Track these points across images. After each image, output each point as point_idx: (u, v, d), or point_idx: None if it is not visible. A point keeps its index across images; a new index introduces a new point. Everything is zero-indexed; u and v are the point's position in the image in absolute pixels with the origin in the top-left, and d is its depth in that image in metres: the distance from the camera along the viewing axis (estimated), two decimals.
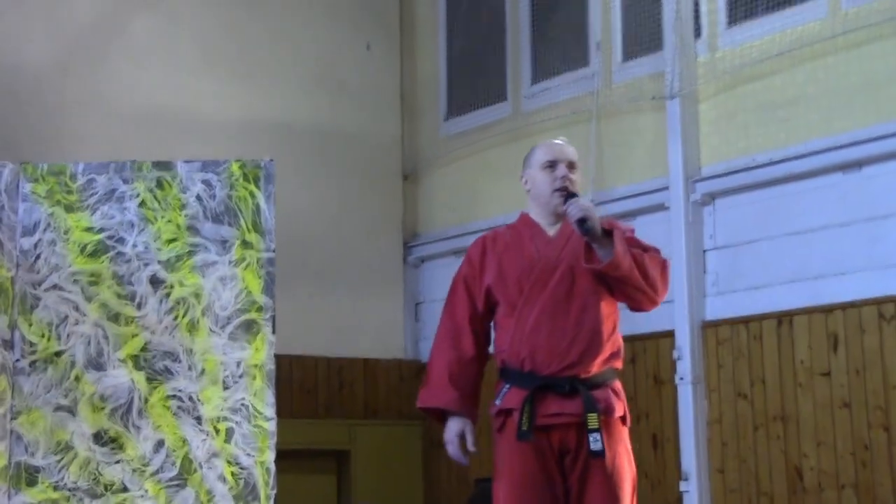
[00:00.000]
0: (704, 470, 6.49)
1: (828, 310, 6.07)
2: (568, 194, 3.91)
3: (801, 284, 6.23)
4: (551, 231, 3.99)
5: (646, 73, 7.08)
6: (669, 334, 6.68)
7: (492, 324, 4.05)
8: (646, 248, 3.93)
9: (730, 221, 6.62)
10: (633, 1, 7.22)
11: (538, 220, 4.03)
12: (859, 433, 5.88)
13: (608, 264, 3.77)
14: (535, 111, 7.71)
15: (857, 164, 6.06)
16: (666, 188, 6.81)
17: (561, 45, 7.63)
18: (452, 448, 3.95)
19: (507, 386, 3.90)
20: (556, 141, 4.13)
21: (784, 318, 6.27)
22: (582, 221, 3.77)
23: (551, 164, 3.99)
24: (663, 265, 3.94)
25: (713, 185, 6.66)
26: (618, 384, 3.95)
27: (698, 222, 6.71)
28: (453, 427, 3.95)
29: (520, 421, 3.80)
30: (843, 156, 6.08)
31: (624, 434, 3.91)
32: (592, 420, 3.77)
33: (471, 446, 3.94)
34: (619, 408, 3.90)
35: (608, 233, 3.81)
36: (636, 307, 3.99)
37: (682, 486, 6.51)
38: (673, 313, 6.63)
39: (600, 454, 3.76)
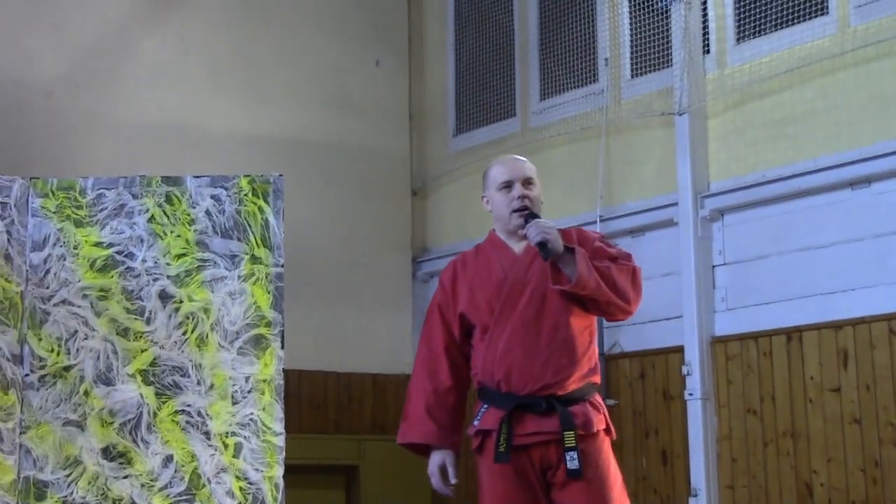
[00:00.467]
0: (714, 486, 6.47)
1: (838, 326, 6.06)
2: (528, 214, 3.86)
3: (810, 300, 6.22)
4: (517, 248, 3.95)
5: (655, 90, 7.09)
6: (679, 350, 6.67)
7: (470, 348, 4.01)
8: (614, 258, 3.88)
9: (739, 237, 6.61)
10: (641, 17, 7.23)
11: (504, 239, 4.00)
12: (870, 449, 5.86)
13: (573, 284, 3.74)
14: (543, 127, 7.72)
15: (867, 180, 6.06)
16: (675, 204, 6.81)
17: (569, 61, 7.64)
18: (435, 481, 3.92)
19: (485, 406, 3.87)
20: (511, 157, 4.08)
21: (794, 334, 6.25)
22: (542, 245, 3.74)
23: (507, 185, 3.95)
24: (633, 273, 3.88)
25: (722, 201, 6.66)
26: (597, 398, 3.91)
27: (707, 238, 6.70)
28: (434, 461, 3.93)
29: (497, 442, 3.78)
30: (852, 172, 6.08)
31: (606, 445, 3.87)
32: (569, 438, 3.74)
33: (452, 478, 3.92)
34: (599, 421, 3.86)
35: (571, 250, 3.78)
36: (610, 318, 3.97)
37: (692, 503, 6.49)
38: (682, 329, 6.63)
39: (577, 474, 3.73)
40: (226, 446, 5.21)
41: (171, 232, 5.31)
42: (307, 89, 8.25)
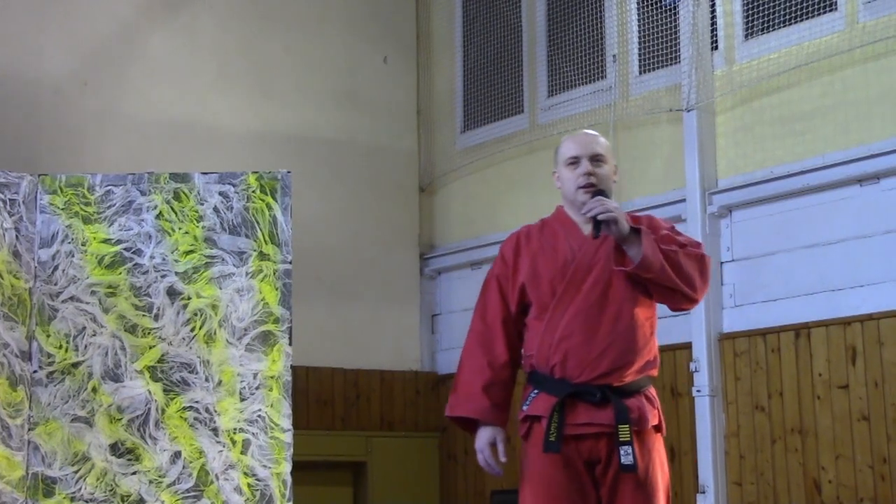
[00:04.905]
0: (722, 483, 6.46)
1: (846, 322, 6.05)
2: (595, 192, 3.71)
3: (818, 297, 6.21)
4: (586, 229, 3.74)
5: (662, 86, 7.08)
6: (687, 346, 6.66)
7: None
8: (682, 244, 3.72)
9: (747, 234, 6.60)
10: (649, 13, 7.23)
11: (573, 217, 3.81)
12: (878, 446, 5.86)
13: (638, 265, 3.60)
14: (551, 123, 7.72)
15: (875, 177, 6.05)
16: (683, 200, 6.80)
17: (577, 57, 7.63)
18: (484, 457, 3.73)
19: (536, 391, 3.71)
20: (584, 132, 3.92)
21: (802, 331, 6.25)
22: (598, 221, 3.60)
23: (575, 160, 3.78)
24: (701, 260, 3.74)
25: (730, 198, 6.65)
26: (652, 391, 3.78)
27: (715, 234, 6.69)
28: (484, 436, 3.73)
29: (547, 431, 3.61)
30: (860, 168, 6.07)
31: (658, 443, 3.75)
32: (624, 432, 3.59)
33: (502, 456, 3.74)
34: (653, 416, 3.73)
35: (637, 231, 3.65)
36: (675, 307, 3.80)
37: (700, 500, 6.48)
38: (690, 325, 6.62)
39: (632, 469, 3.58)
40: (234, 443, 5.21)
41: (179, 228, 5.32)
42: (315, 86, 8.25)
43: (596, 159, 3.79)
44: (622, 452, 3.59)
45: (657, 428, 3.77)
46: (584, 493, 3.64)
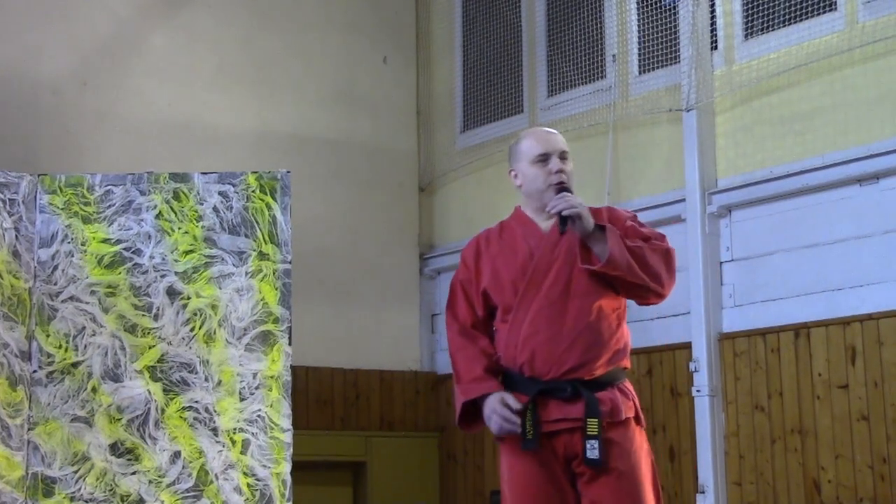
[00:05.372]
0: (721, 483, 6.46)
1: (845, 322, 6.05)
2: (558, 189, 3.65)
3: (818, 297, 6.22)
4: (544, 226, 3.73)
5: (662, 86, 7.08)
6: (686, 346, 6.67)
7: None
8: (647, 237, 3.69)
9: (747, 233, 6.61)
10: (649, 13, 7.23)
11: (531, 216, 3.77)
12: (878, 446, 5.86)
13: (604, 265, 3.56)
14: (551, 123, 7.70)
15: (875, 177, 6.05)
16: (682, 200, 6.81)
17: (577, 57, 7.63)
18: (500, 415, 3.58)
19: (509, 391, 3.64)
20: (543, 129, 3.85)
21: (801, 331, 6.25)
22: (564, 218, 3.56)
23: (544, 158, 3.71)
24: (667, 254, 3.69)
25: (730, 198, 6.65)
26: (626, 384, 3.71)
27: (715, 234, 6.70)
28: (493, 399, 3.62)
29: (523, 429, 3.57)
30: (860, 168, 6.07)
31: (638, 434, 3.68)
32: (592, 426, 3.53)
33: (515, 405, 3.59)
34: (629, 408, 3.66)
35: (602, 228, 3.60)
36: (643, 302, 3.76)
37: (699, 500, 6.48)
38: (690, 325, 6.62)
39: (596, 464, 3.53)
40: (233, 443, 5.21)
41: (179, 228, 5.32)
42: (315, 86, 8.25)
43: (563, 157, 3.74)
44: (588, 446, 3.54)
45: (637, 420, 3.70)
46: (562, 490, 3.61)
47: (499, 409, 3.59)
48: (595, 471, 3.56)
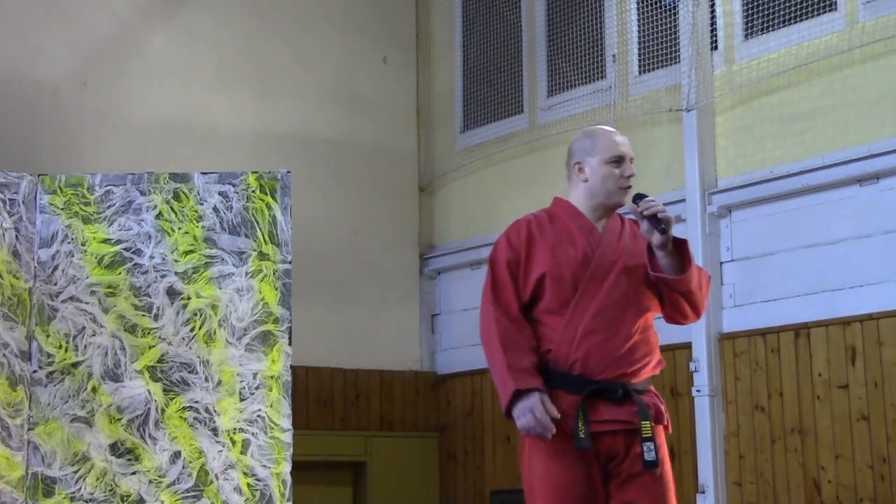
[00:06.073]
0: (721, 483, 6.46)
1: (846, 322, 6.05)
2: (637, 195, 3.70)
3: (818, 297, 6.21)
4: (598, 226, 3.73)
5: (662, 86, 7.08)
6: (686, 346, 6.66)
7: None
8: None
9: (747, 233, 6.60)
10: (649, 13, 7.23)
11: (584, 212, 3.75)
12: (878, 446, 5.86)
13: (681, 279, 3.60)
14: (551, 123, 7.72)
15: (875, 177, 6.05)
16: (682, 200, 6.80)
17: (577, 57, 7.63)
18: (542, 419, 3.51)
19: (550, 389, 3.59)
20: (613, 130, 3.84)
21: (801, 331, 6.25)
22: (657, 219, 3.59)
23: (619, 160, 3.73)
24: (709, 281, 3.82)
25: (730, 198, 6.65)
26: (654, 389, 3.80)
27: (715, 234, 6.70)
28: (535, 396, 3.53)
29: (576, 428, 3.53)
30: (860, 168, 6.07)
31: (664, 439, 3.74)
32: (646, 428, 3.58)
33: (555, 413, 3.53)
34: (666, 414, 3.77)
35: (677, 243, 3.63)
36: (675, 321, 3.80)
37: (700, 500, 6.48)
38: (690, 325, 6.60)
39: (654, 465, 3.57)
40: (233, 443, 5.22)
41: (179, 228, 5.32)
42: (315, 86, 8.25)
43: (632, 162, 3.79)
44: (645, 448, 3.57)
45: (666, 426, 3.80)
46: (595, 491, 3.60)
47: (538, 410, 3.52)
48: (644, 472, 3.59)
